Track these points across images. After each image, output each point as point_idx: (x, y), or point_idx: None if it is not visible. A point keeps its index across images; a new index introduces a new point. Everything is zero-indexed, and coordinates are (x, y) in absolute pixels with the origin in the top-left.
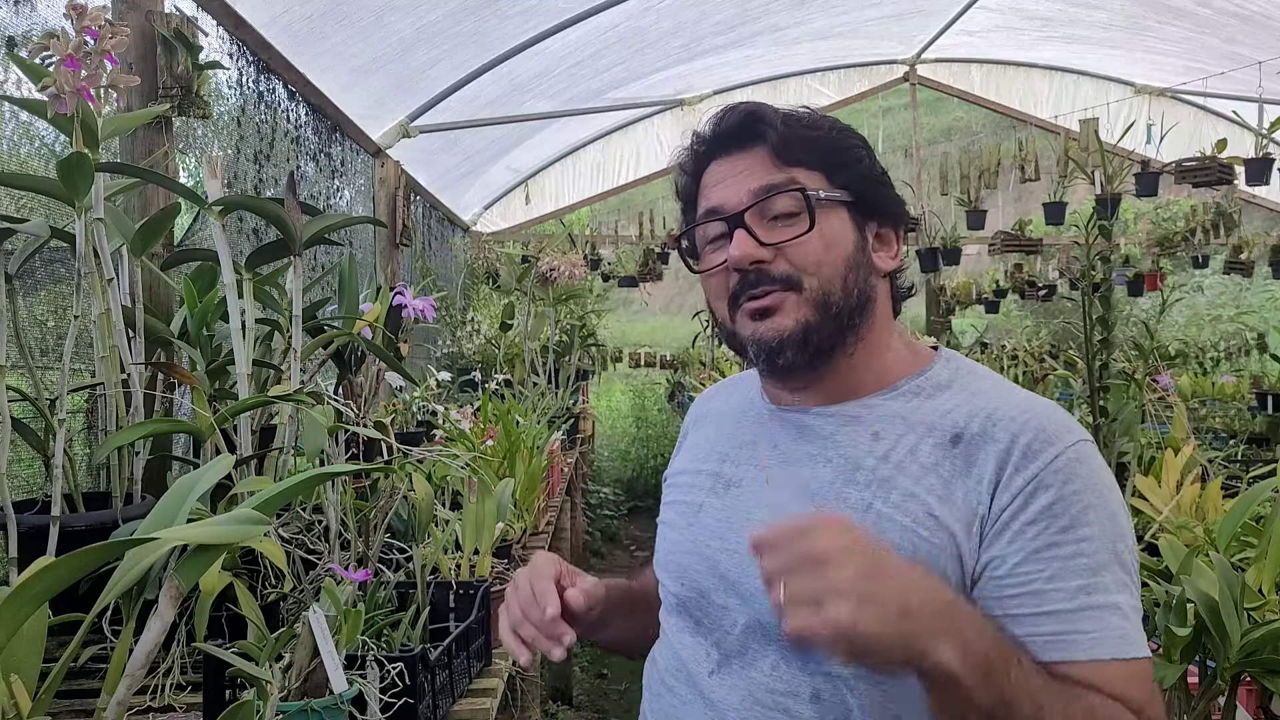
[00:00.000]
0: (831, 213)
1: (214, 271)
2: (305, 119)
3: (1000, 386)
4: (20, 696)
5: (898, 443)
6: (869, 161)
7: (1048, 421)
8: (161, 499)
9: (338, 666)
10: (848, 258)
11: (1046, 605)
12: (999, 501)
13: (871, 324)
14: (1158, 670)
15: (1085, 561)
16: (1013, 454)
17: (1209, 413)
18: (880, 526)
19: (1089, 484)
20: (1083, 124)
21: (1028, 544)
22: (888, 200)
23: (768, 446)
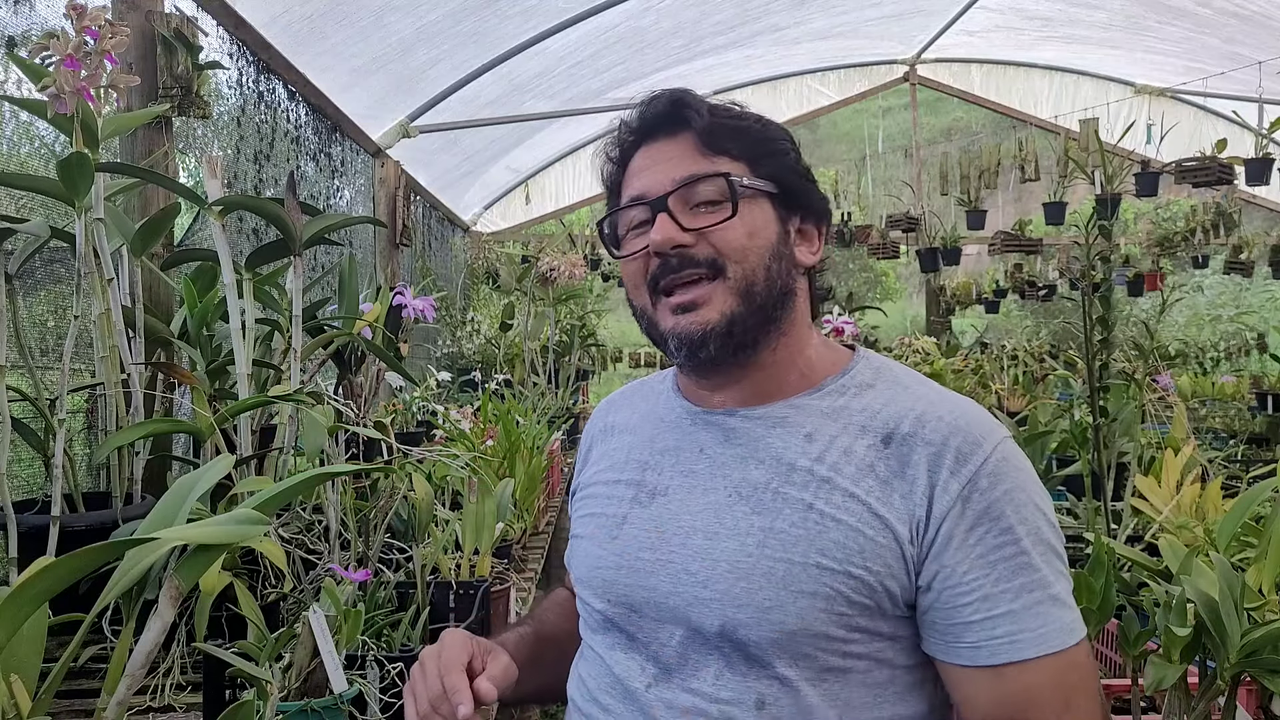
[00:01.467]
0: (755, 202)
1: (214, 271)
2: (305, 119)
3: (921, 384)
4: (20, 696)
5: (831, 444)
6: (794, 156)
7: (974, 422)
8: (161, 499)
9: (338, 666)
10: (770, 247)
11: (997, 608)
12: (938, 506)
13: (793, 319)
14: (1158, 670)
15: (1024, 559)
16: (945, 458)
17: (1209, 413)
18: (823, 526)
19: (1017, 482)
20: (1083, 124)
21: (971, 550)
22: (811, 195)
23: (693, 451)
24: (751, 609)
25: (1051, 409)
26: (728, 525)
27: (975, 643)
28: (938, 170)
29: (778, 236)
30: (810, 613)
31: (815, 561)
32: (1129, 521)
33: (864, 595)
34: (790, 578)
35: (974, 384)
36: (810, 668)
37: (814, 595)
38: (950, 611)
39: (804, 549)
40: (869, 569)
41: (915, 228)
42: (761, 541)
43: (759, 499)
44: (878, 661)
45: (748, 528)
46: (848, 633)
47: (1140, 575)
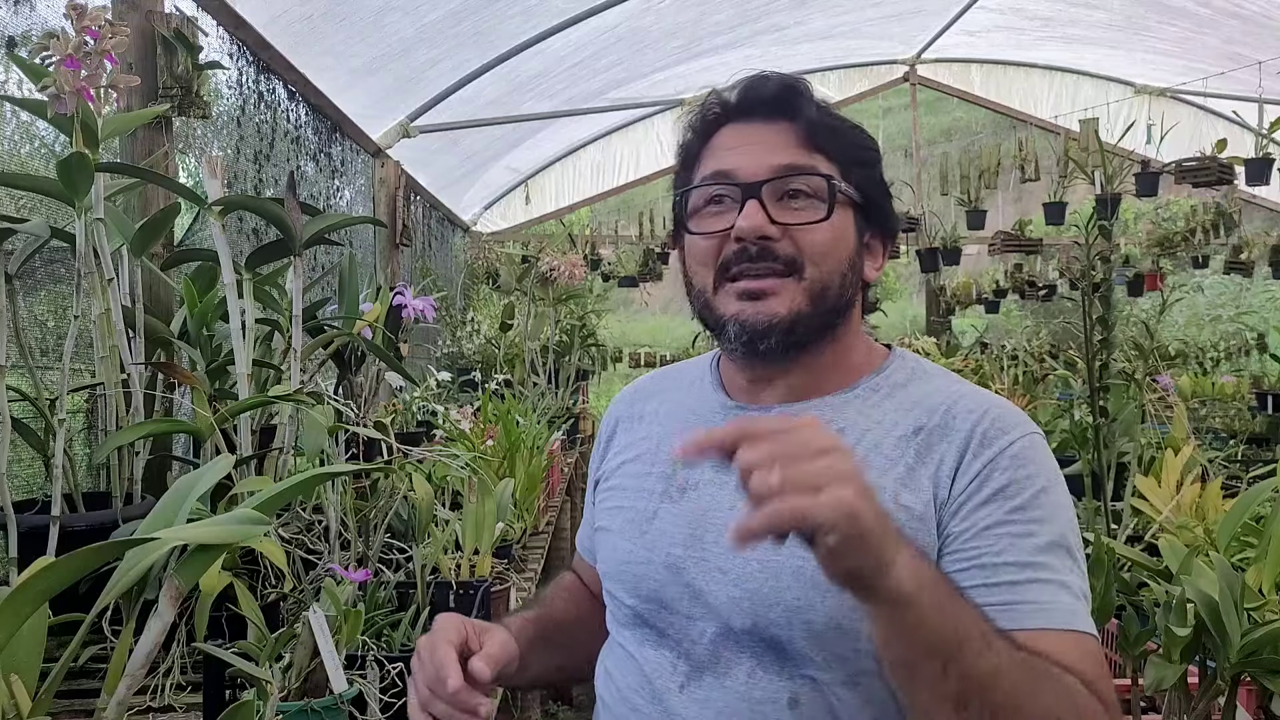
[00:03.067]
0: (843, 209)
1: (214, 271)
2: (305, 119)
3: (955, 382)
4: (20, 696)
5: (861, 438)
6: (879, 169)
7: (1004, 411)
8: (161, 499)
9: (338, 666)
10: (850, 255)
11: (996, 577)
12: (958, 485)
13: (848, 327)
14: (1158, 670)
15: (1035, 541)
16: (971, 440)
17: (1209, 413)
18: None
19: (1042, 470)
20: (1083, 124)
21: (980, 520)
22: (888, 212)
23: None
24: (781, 608)
25: (1051, 409)
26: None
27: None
28: (938, 170)
29: (855, 247)
30: (840, 611)
31: None
32: (1129, 521)
33: None
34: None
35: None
36: (843, 669)
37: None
38: (952, 575)
39: None
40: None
41: (915, 228)
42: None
43: None
44: None
45: None
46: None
47: (1140, 575)
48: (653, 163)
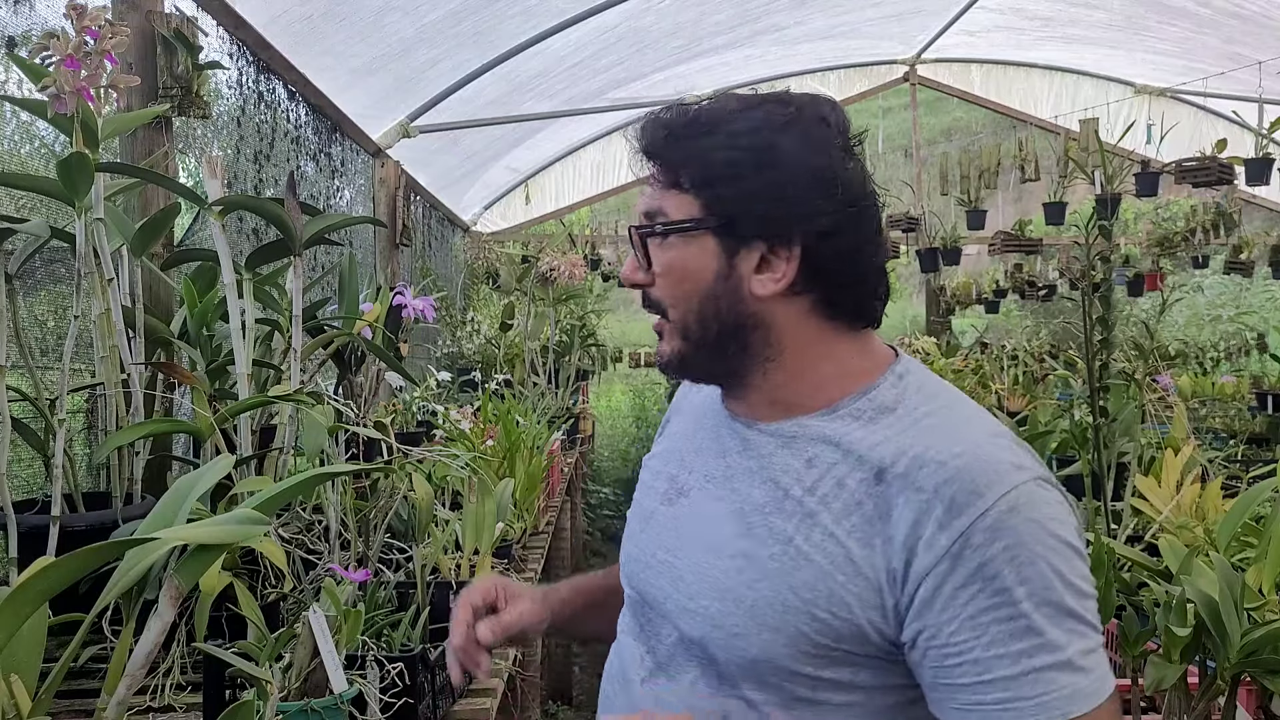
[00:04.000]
0: (690, 241)
1: (214, 271)
2: (305, 119)
3: (941, 413)
4: (20, 696)
5: (828, 472)
6: (755, 175)
7: (979, 469)
8: (161, 499)
9: (338, 666)
10: (702, 289)
11: (989, 673)
12: (921, 560)
13: (779, 344)
14: (1158, 670)
15: (1025, 623)
16: (935, 508)
17: (1209, 413)
18: (796, 564)
19: (1022, 537)
20: (1083, 124)
21: (961, 609)
22: (775, 216)
23: (716, 455)
24: (722, 631)
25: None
26: (723, 543)
27: (965, 705)
28: (938, 170)
29: (715, 275)
30: (773, 647)
31: (783, 599)
32: (1129, 521)
33: (829, 638)
34: (758, 609)
35: (974, 384)
36: (777, 694)
37: (777, 631)
38: (939, 671)
39: (775, 583)
40: (834, 614)
41: (915, 228)
42: (742, 568)
43: (750, 522)
44: (857, 701)
45: (735, 550)
46: (816, 669)
47: (1140, 575)
48: None
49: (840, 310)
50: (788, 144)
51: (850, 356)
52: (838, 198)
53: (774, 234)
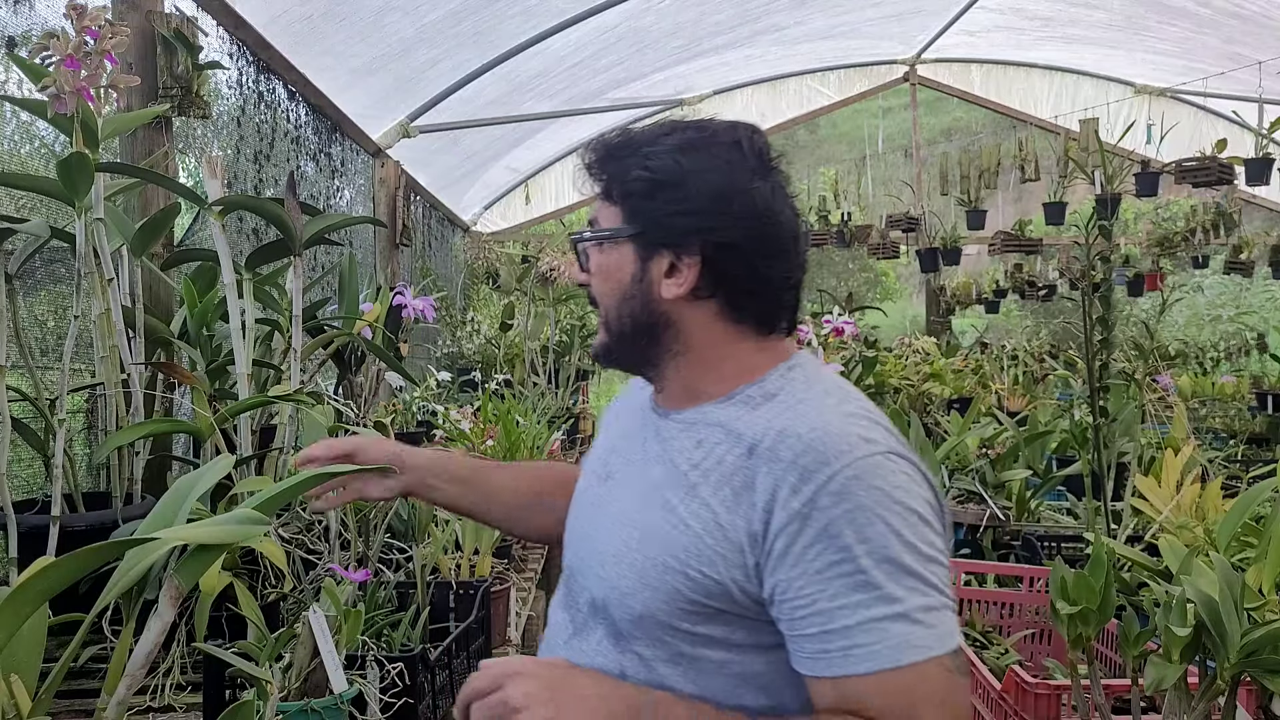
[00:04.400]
0: (615, 248)
1: (214, 271)
2: (305, 119)
3: (814, 398)
4: (20, 696)
5: (711, 451)
6: (661, 191)
7: (830, 440)
8: (161, 499)
9: (338, 666)
10: (621, 290)
11: (832, 623)
12: (776, 521)
13: (686, 343)
14: (1158, 670)
15: (864, 577)
16: (790, 475)
17: (1209, 413)
18: (677, 530)
19: (864, 501)
20: (1083, 124)
21: (809, 565)
22: (680, 234)
23: (638, 443)
24: (617, 591)
25: (1051, 409)
26: (627, 516)
27: (814, 654)
28: (938, 170)
29: (631, 277)
30: (654, 603)
31: (664, 560)
32: (1129, 521)
33: (701, 595)
34: (644, 570)
35: (974, 384)
36: (664, 650)
37: (656, 589)
38: (792, 624)
39: (659, 547)
40: (704, 573)
41: (915, 228)
42: (637, 536)
43: (649, 498)
44: (733, 659)
45: (634, 521)
46: (693, 625)
47: (1140, 575)
48: None
49: (744, 315)
50: (692, 165)
51: (751, 354)
52: (736, 214)
53: (678, 244)
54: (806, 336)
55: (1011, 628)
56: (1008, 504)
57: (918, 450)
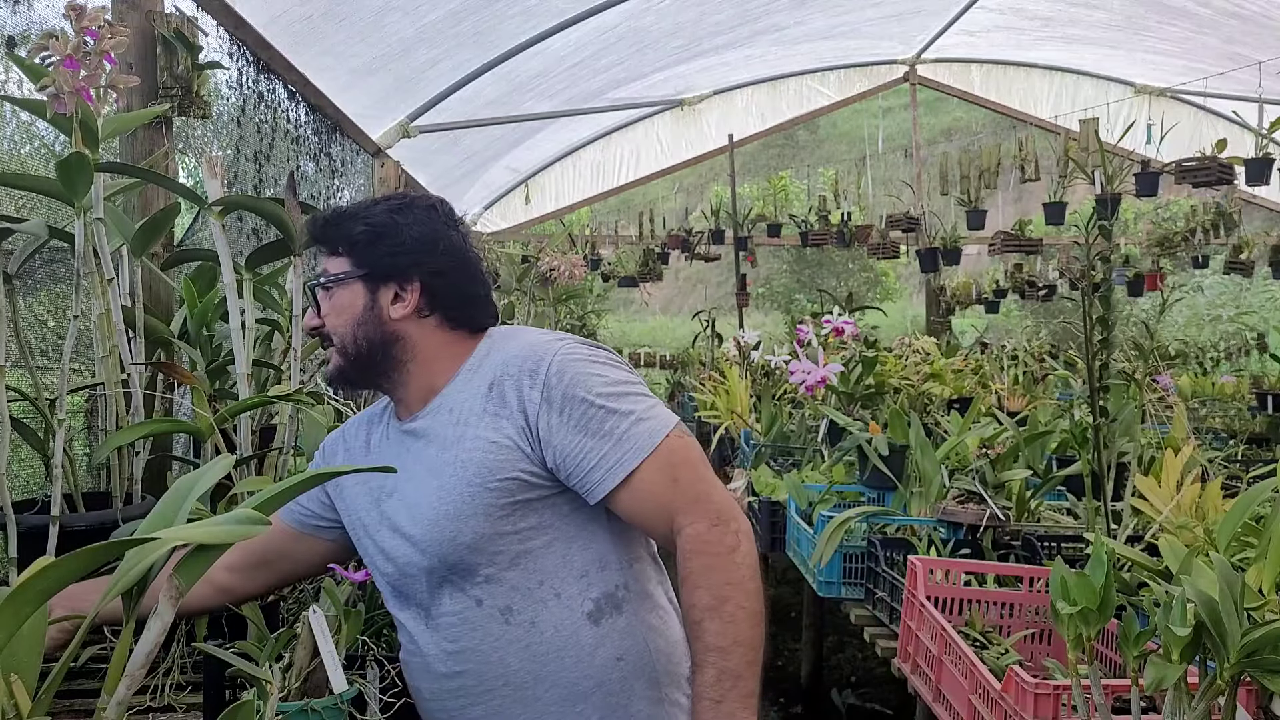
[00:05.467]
0: (344, 287)
1: (214, 271)
2: (305, 119)
3: (517, 338)
4: (20, 696)
5: (462, 407)
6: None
7: (535, 349)
8: (161, 499)
9: (338, 666)
10: (355, 318)
11: (603, 448)
12: (530, 411)
13: (415, 352)
14: (1158, 670)
15: (603, 412)
16: (523, 380)
17: (1209, 413)
18: (465, 466)
19: (578, 369)
20: (1083, 124)
21: (566, 426)
22: (400, 265)
23: (403, 455)
24: (447, 542)
25: (1051, 409)
26: (425, 494)
27: (602, 477)
28: (938, 170)
29: (363, 307)
30: (480, 525)
31: (468, 492)
32: (1129, 521)
33: (507, 496)
34: (458, 509)
35: (974, 384)
36: (502, 560)
37: (475, 512)
38: (580, 469)
39: (458, 488)
40: (499, 478)
41: (915, 228)
42: (440, 497)
43: (435, 469)
44: (554, 537)
45: (431, 491)
46: (514, 524)
47: (1140, 575)
48: (653, 163)
49: (458, 323)
50: (403, 219)
51: (461, 345)
52: (441, 251)
53: (401, 276)
54: (806, 336)
55: (1011, 628)
56: (1008, 504)
57: (918, 450)
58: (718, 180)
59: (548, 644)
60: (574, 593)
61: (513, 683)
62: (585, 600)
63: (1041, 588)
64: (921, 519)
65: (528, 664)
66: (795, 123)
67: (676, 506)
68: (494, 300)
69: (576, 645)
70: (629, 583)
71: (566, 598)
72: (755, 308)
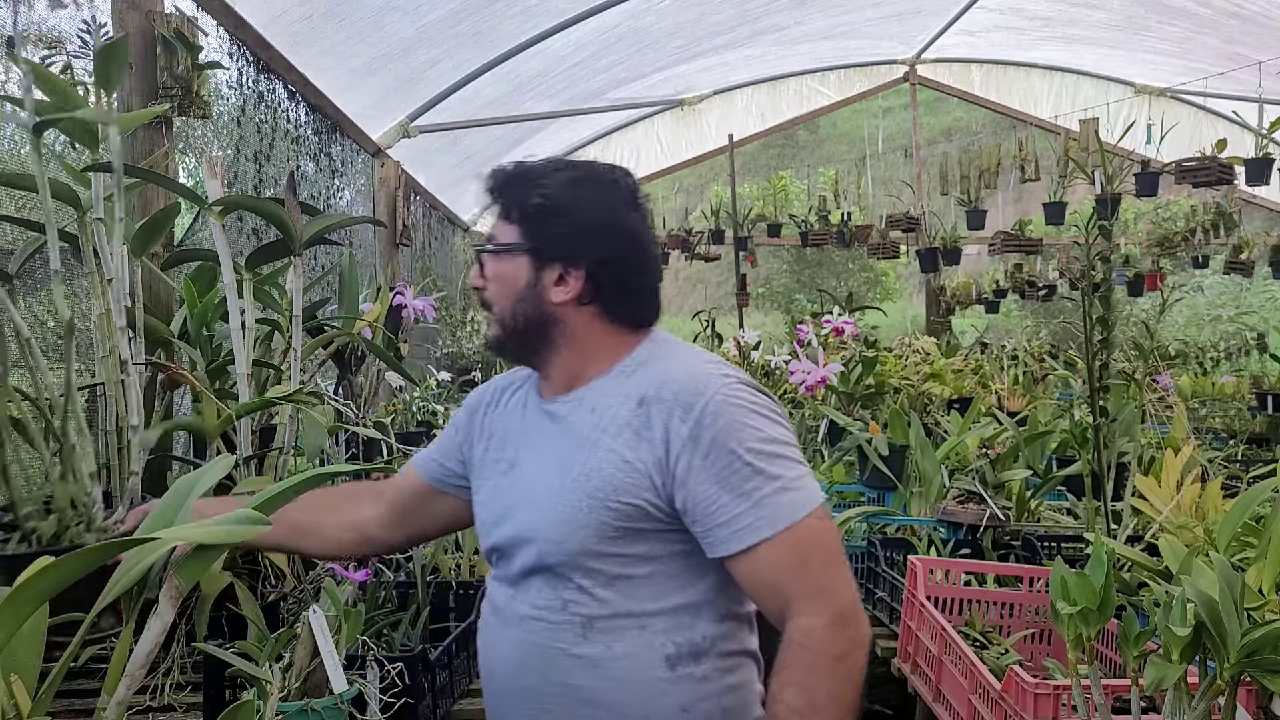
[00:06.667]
0: (510, 259)
1: (214, 271)
2: (305, 119)
3: (678, 358)
4: (20, 696)
5: (607, 412)
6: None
7: (697, 380)
8: (162, 499)
9: (338, 666)
10: (516, 293)
11: (737, 508)
12: (674, 446)
13: (571, 338)
14: (1158, 670)
15: (749, 470)
16: (675, 411)
17: (1209, 413)
18: (590, 476)
19: (735, 416)
20: (1083, 124)
21: (707, 474)
22: (569, 248)
23: (536, 432)
24: (551, 542)
25: (1051, 409)
26: (544, 484)
27: (728, 536)
28: (938, 170)
29: (526, 284)
30: (587, 539)
31: (586, 503)
32: (1129, 521)
33: (624, 520)
34: (574, 516)
35: (974, 384)
36: (599, 578)
37: (585, 526)
38: (707, 520)
39: (578, 494)
40: (621, 501)
41: (915, 228)
42: (557, 494)
43: (565, 461)
44: (656, 569)
45: (551, 485)
46: (620, 548)
47: (1140, 575)
48: (653, 162)
49: (618, 318)
50: (579, 196)
51: (623, 342)
52: (614, 238)
53: (567, 259)
54: (806, 336)
55: (1011, 628)
56: (1008, 504)
57: (918, 450)
58: (718, 180)
59: (617, 672)
60: (659, 629)
61: (572, 696)
62: (668, 642)
63: (1041, 588)
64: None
65: (591, 683)
66: (795, 123)
67: (798, 592)
68: (659, 294)
69: (645, 683)
70: (717, 639)
71: (650, 633)
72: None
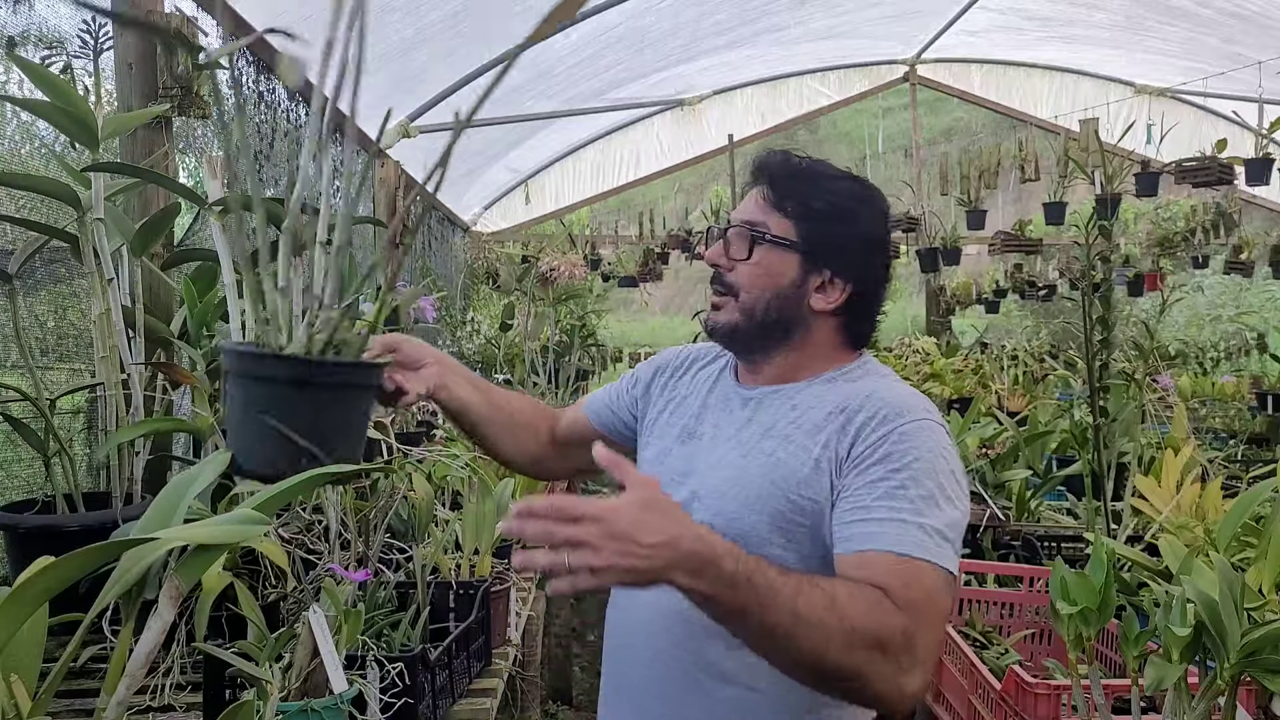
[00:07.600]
0: (777, 252)
1: (214, 271)
2: (305, 119)
3: (887, 382)
4: (20, 696)
5: (808, 411)
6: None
7: (904, 402)
8: (158, 496)
9: (338, 666)
10: (777, 289)
11: (870, 515)
12: (856, 449)
13: (805, 341)
14: (1158, 670)
15: (902, 492)
16: (873, 420)
17: (1209, 413)
18: (775, 466)
19: (923, 445)
20: (1083, 124)
21: (866, 476)
22: (844, 260)
23: (724, 413)
24: (722, 517)
25: (1051, 409)
26: (726, 463)
27: (847, 536)
28: (938, 170)
29: (790, 282)
30: (759, 524)
31: (767, 490)
32: (1129, 521)
33: (796, 514)
34: (750, 500)
35: (974, 384)
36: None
37: (761, 511)
38: (841, 513)
39: (761, 480)
40: (801, 494)
41: (915, 228)
42: (738, 475)
43: (751, 447)
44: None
45: (734, 465)
46: (783, 541)
47: (1140, 575)
48: (653, 162)
49: (852, 334)
50: (863, 212)
51: (836, 353)
52: (878, 261)
53: (838, 269)
54: None
55: (1011, 628)
56: (1008, 504)
57: None
58: (718, 180)
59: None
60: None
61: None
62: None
63: (1041, 588)
64: None
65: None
66: (795, 123)
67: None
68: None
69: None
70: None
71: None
72: None
